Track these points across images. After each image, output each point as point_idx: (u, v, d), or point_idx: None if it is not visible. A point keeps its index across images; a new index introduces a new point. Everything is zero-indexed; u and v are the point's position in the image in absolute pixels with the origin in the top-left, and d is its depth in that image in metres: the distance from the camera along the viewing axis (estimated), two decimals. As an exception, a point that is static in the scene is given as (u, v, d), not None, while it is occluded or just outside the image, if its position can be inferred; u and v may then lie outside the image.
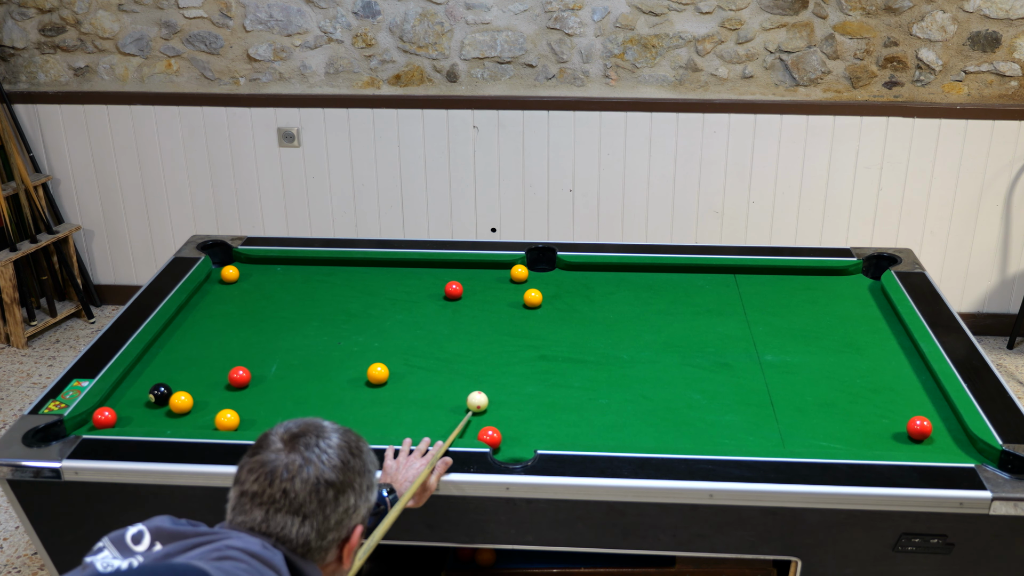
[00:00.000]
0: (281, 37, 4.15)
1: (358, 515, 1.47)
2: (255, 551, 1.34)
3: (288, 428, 1.47)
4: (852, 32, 3.96)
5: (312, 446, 1.43)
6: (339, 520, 1.43)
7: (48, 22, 4.22)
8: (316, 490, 1.40)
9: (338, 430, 1.48)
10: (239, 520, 1.42)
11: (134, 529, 1.40)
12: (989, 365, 2.49)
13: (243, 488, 1.42)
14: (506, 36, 4.07)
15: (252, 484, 1.41)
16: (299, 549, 1.41)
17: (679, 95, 4.13)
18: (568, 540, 2.15)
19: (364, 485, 1.47)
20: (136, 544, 1.38)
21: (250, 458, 1.44)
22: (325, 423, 1.49)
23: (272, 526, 1.40)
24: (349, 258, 3.18)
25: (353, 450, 1.46)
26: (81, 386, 2.41)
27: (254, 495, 1.41)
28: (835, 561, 2.11)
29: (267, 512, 1.40)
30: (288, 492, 1.39)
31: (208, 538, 1.37)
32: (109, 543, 1.40)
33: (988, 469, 2.07)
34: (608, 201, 4.30)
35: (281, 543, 1.40)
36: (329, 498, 1.41)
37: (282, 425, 1.48)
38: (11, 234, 4.25)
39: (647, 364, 2.58)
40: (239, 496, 1.43)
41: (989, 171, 4.10)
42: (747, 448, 2.19)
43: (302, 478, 1.40)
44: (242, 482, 1.43)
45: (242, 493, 1.42)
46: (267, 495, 1.40)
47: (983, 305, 4.36)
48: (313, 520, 1.41)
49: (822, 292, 2.99)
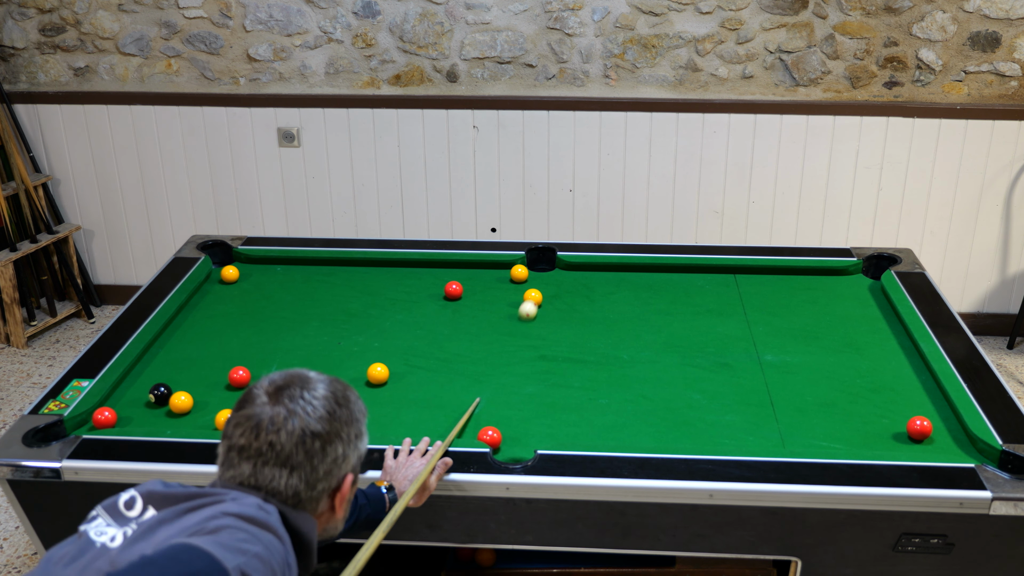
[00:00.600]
0: (281, 37, 4.15)
1: (347, 464, 1.47)
2: (250, 515, 1.34)
3: (273, 380, 1.46)
4: (852, 32, 3.96)
5: (297, 398, 1.42)
6: (328, 470, 1.43)
7: (48, 22, 4.22)
8: (302, 441, 1.40)
9: (324, 380, 1.47)
10: (228, 475, 1.42)
11: (126, 495, 1.40)
12: (989, 365, 2.49)
13: (231, 443, 1.42)
14: (506, 36, 4.07)
15: (239, 438, 1.41)
16: (290, 500, 1.41)
17: (679, 95, 4.13)
18: (568, 540, 2.15)
19: (352, 434, 1.46)
20: (129, 510, 1.38)
21: (236, 412, 1.44)
22: (311, 374, 1.48)
23: (261, 479, 1.40)
24: (349, 258, 3.18)
25: (340, 399, 1.46)
26: (81, 386, 2.41)
27: (241, 449, 1.40)
28: (835, 561, 2.11)
29: (255, 465, 1.40)
30: (274, 445, 1.39)
31: (202, 501, 1.37)
32: (102, 511, 1.40)
33: (988, 469, 2.07)
34: (608, 201, 4.30)
35: (272, 496, 1.40)
36: (316, 449, 1.41)
37: (267, 378, 1.47)
38: (11, 234, 4.25)
39: (647, 364, 2.58)
40: (227, 451, 1.42)
41: (989, 171, 4.11)
42: (747, 448, 2.19)
43: (287, 430, 1.39)
44: (229, 436, 1.43)
45: (230, 448, 1.42)
46: (254, 448, 1.39)
47: (983, 305, 4.36)
48: (301, 471, 1.40)
49: (822, 292, 2.99)
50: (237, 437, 1.42)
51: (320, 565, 2.47)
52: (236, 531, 1.31)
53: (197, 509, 1.35)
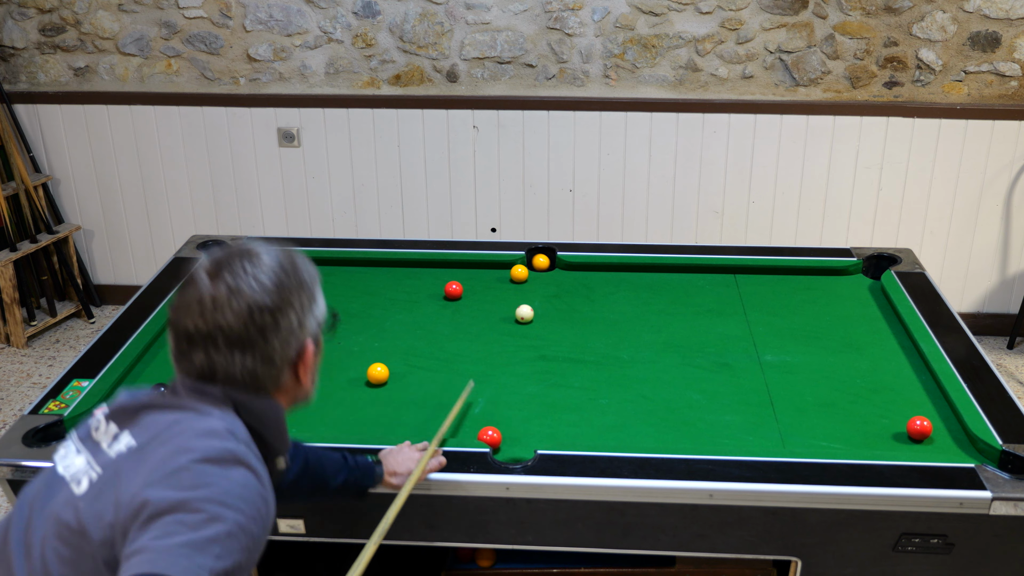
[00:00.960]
0: (281, 37, 4.15)
1: (304, 331, 1.39)
2: (216, 454, 1.25)
3: (213, 258, 1.37)
4: (852, 32, 3.96)
5: (239, 273, 1.33)
6: (284, 342, 1.35)
7: (48, 22, 4.22)
8: (252, 318, 1.31)
9: (267, 249, 1.39)
10: (184, 367, 1.35)
11: (94, 419, 1.36)
12: (989, 365, 2.49)
13: (178, 330, 1.33)
14: (506, 36, 4.07)
15: (186, 323, 1.32)
16: (250, 384, 1.35)
17: (679, 95, 4.13)
18: (568, 540, 2.15)
19: (304, 299, 1.39)
20: (97, 432, 1.34)
21: (179, 296, 1.35)
22: (253, 245, 1.39)
23: (215, 365, 1.32)
24: (349, 258, 3.17)
25: (285, 267, 1.38)
26: (81, 386, 2.41)
27: (190, 336, 1.32)
28: (835, 561, 2.11)
29: (207, 352, 1.32)
30: (223, 326, 1.31)
31: (166, 417, 1.30)
32: (75, 438, 1.36)
33: (988, 469, 2.07)
34: (608, 201, 4.30)
35: (230, 385, 1.33)
36: (267, 323, 1.33)
37: (207, 256, 1.38)
38: (11, 234, 4.25)
39: (647, 364, 2.58)
40: (176, 340, 1.34)
41: (989, 171, 4.11)
42: (747, 448, 2.19)
43: (234, 309, 1.31)
44: (176, 323, 1.34)
45: (178, 336, 1.34)
46: (202, 333, 1.31)
47: (983, 305, 4.36)
48: (255, 350, 1.33)
49: (822, 292, 2.99)
50: (183, 323, 1.32)
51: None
52: (204, 497, 1.20)
53: (162, 440, 1.27)
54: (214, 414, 1.33)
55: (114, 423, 1.34)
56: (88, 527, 1.24)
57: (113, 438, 1.32)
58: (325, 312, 1.47)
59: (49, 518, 1.29)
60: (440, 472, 2.06)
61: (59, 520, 1.27)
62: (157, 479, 1.21)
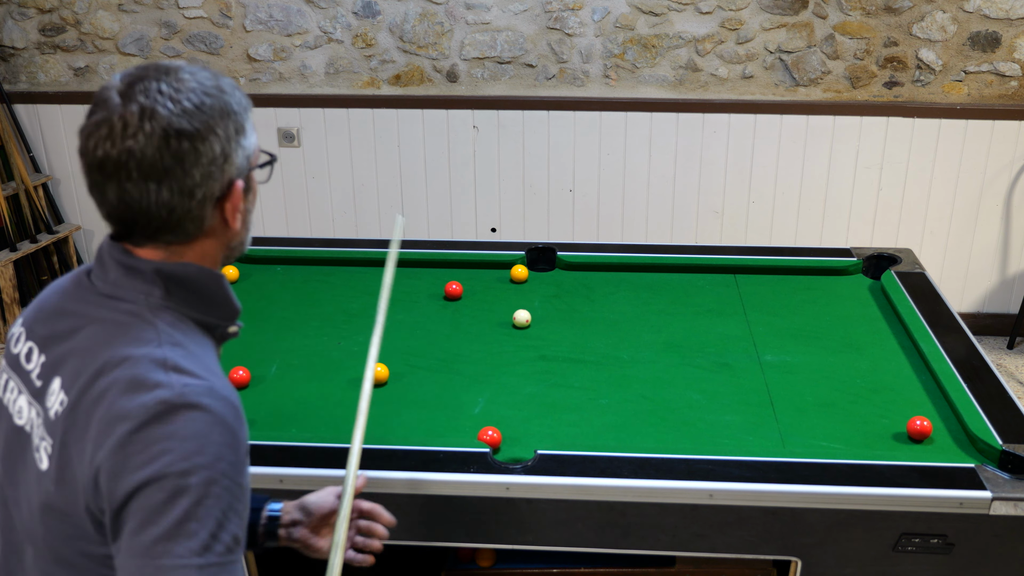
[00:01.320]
0: (281, 37, 4.15)
1: (231, 166, 1.23)
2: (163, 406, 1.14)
3: (127, 73, 1.21)
4: (852, 32, 3.96)
5: (153, 91, 1.17)
6: (206, 174, 1.20)
7: (48, 22, 4.22)
8: (165, 143, 1.16)
9: (190, 68, 1.23)
10: (98, 200, 1.20)
11: (14, 333, 1.29)
12: (989, 365, 2.49)
13: (88, 159, 1.18)
14: (506, 36, 4.07)
15: (95, 151, 1.17)
16: (169, 223, 1.21)
17: (679, 95, 4.13)
18: (568, 540, 2.15)
19: (231, 129, 1.22)
20: (28, 361, 1.27)
21: (87, 121, 1.20)
22: (173, 62, 1.24)
23: (129, 199, 1.18)
24: (349, 258, 3.17)
25: (208, 90, 1.21)
26: (81, 386, 2.41)
27: (100, 165, 1.17)
28: (835, 561, 2.11)
29: (119, 183, 1.17)
30: (134, 152, 1.16)
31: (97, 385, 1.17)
32: (10, 371, 1.30)
33: (988, 469, 2.07)
34: (608, 201, 4.30)
35: (145, 226, 1.21)
36: (185, 150, 1.18)
37: (119, 74, 1.22)
38: (11, 234, 4.25)
39: (647, 364, 2.58)
40: (88, 171, 1.20)
41: (989, 171, 4.10)
42: (747, 448, 2.19)
43: (146, 132, 1.16)
44: (84, 151, 1.19)
45: (89, 166, 1.19)
46: (112, 161, 1.16)
47: (983, 305, 4.36)
48: (171, 181, 1.18)
49: (822, 292, 2.98)
50: (91, 150, 1.18)
51: None
52: (157, 473, 1.11)
53: (91, 398, 1.17)
54: (133, 328, 1.21)
55: (35, 346, 1.26)
56: (67, 509, 1.19)
57: (43, 380, 1.24)
58: (256, 148, 1.31)
59: (34, 507, 1.23)
60: (440, 472, 2.06)
61: (44, 507, 1.22)
62: (105, 463, 1.14)
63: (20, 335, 1.32)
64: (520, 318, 2.76)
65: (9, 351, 1.33)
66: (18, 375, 1.29)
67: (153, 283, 1.24)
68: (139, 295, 1.24)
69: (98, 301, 1.25)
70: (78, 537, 1.20)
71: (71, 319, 1.26)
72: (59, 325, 1.26)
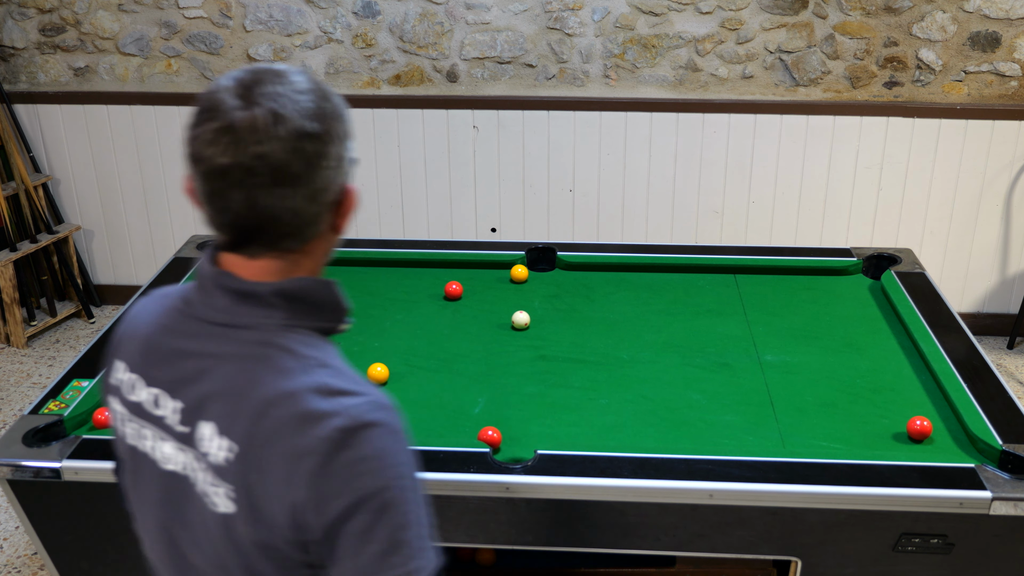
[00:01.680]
0: (281, 37, 4.15)
1: (342, 171, 1.20)
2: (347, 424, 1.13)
3: (237, 79, 1.15)
4: (852, 32, 3.96)
5: (274, 94, 1.13)
6: (328, 177, 1.17)
7: (48, 22, 4.22)
8: (295, 147, 1.12)
9: (298, 70, 1.19)
10: (218, 208, 1.14)
11: (139, 392, 1.22)
12: (989, 365, 2.49)
13: (208, 166, 1.12)
14: (506, 36, 4.07)
15: (218, 158, 1.11)
16: (293, 230, 1.17)
17: (679, 95, 4.13)
18: (568, 540, 2.15)
19: (343, 131, 1.19)
20: (159, 408, 1.21)
21: (201, 126, 1.12)
22: (274, 64, 1.19)
23: (257, 205, 1.13)
24: (349, 258, 3.17)
25: (323, 92, 1.18)
26: (81, 386, 2.41)
27: (224, 172, 1.11)
28: (835, 561, 2.11)
29: (246, 189, 1.11)
30: (264, 156, 1.11)
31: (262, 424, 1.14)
32: (129, 412, 1.24)
33: (988, 469, 2.07)
34: (608, 201, 4.30)
35: (269, 233, 1.16)
36: (313, 153, 1.14)
37: (226, 78, 1.16)
38: (11, 234, 4.25)
39: (647, 364, 2.58)
40: (206, 179, 1.13)
41: (989, 171, 4.11)
42: (747, 448, 2.19)
43: (276, 135, 1.11)
44: (203, 159, 1.12)
45: (207, 174, 1.12)
46: (240, 167, 1.11)
47: (983, 305, 4.36)
48: (300, 186, 1.14)
49: (822, 292, 2.99)
50: (214, 157, 1.11)
51: None
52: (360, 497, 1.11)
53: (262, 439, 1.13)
54: (270, 359, 1.18)
55: (162, 392, 1.21)
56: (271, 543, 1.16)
57: (188, 426, 1.20)
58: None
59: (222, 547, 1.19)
60: (440, 472, 2.06)
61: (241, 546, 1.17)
62: (300, 500, 1.12)
63: (134, 382, 1.26)
64: (519, 320, 2.76)
65: (125, 398, 1.27)
66: (150, 421, 1.24)
67: (272, 306, 1.20)
68: (259, 320, 1.20)
69: (215, 333, 1.20)
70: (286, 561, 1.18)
71: (194, 360, 1.21)
72: (183, 367, 1.21)
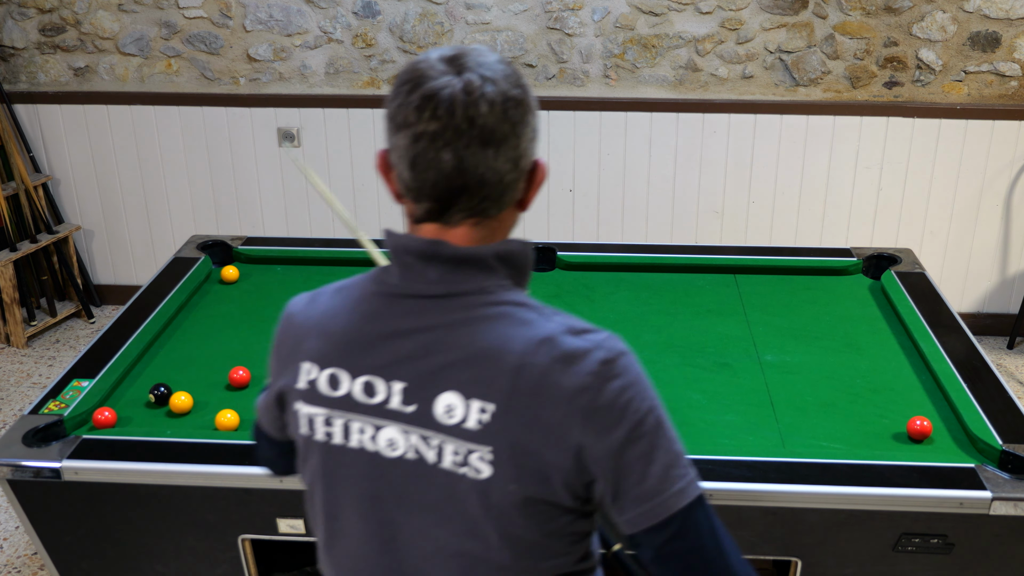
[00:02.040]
0: (281, 37, 4.15)
1: (535, 143, 1.25)
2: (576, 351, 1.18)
3: (441, 53, 1.21)
4: (852, 32, 3.96)
5: (482, 65, 1.18)
6: (527, 145, 1.21)
7: (48, 22, 4.22)
8: (505, 110, 1.17)
9: (489, 49, 1.25)
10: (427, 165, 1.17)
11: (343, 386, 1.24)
12: (989, 365, 2.49)
13: (416, 130, 1.16)
14: (506, 36, 4.07)
15: (428, 123, 1.15)
16: (495, 193, 1.20)
17: (679, 95, 4.13)
18: (568, 540, 2.15)
19: (536, 105, 1.24)
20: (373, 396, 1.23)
21: (409, 95, 1.17)
22: (462, 45, 1.28)
23: (465, 164, 1.16)
24: (349, 258, 3.17)
25: (516, 68, 1.23)
26: (81, 386, 2.41)
27: (434, 136, 1.16)
28: (835, 561, 2.11)
29: (455, 149, 1.16)
30: (475, 119, 1.15)
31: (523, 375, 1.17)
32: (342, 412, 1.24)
33: (988, 469, 2.07)
34: (608, 201, 4.30)
35: (473, 195, 1.19)
36: (518, 117, 1.19)
37: (428, 53, 1.22)
38: (11, 234, 4.25)
39: (647, 364, 2.56)
40: (415, 140, 1.16)
41: (989, 171, 4.11)
42: (747, 448, 2.19)
43: (487, 99, 1.16)
44: (409, 124, 1.16)
45: (418, 137, 1.16)
46: (451, 129, 1.15)
47: (983, 305, 4.36)
48: (507, 149, 1.18)
49: (822, 292, 2.99)
50: (424, 123, 1.15)
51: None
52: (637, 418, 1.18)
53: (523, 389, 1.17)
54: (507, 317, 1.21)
55: (376, 378, 1.23)
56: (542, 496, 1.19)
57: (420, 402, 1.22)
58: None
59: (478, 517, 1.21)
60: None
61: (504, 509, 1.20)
62: (584, 438, 1.17)
63: (336, 376, 1.26)
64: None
65: (324, 396, 1.27)
66: (363, 412, 1.25)
67: (493, 268, 1.23)
68: (480, 283, 1.22)
69: (432, 306, 1.22)
70: (554, 519, 1.22)
71: (415, 337, 1.22)
72: (399, 348, 1.22)
